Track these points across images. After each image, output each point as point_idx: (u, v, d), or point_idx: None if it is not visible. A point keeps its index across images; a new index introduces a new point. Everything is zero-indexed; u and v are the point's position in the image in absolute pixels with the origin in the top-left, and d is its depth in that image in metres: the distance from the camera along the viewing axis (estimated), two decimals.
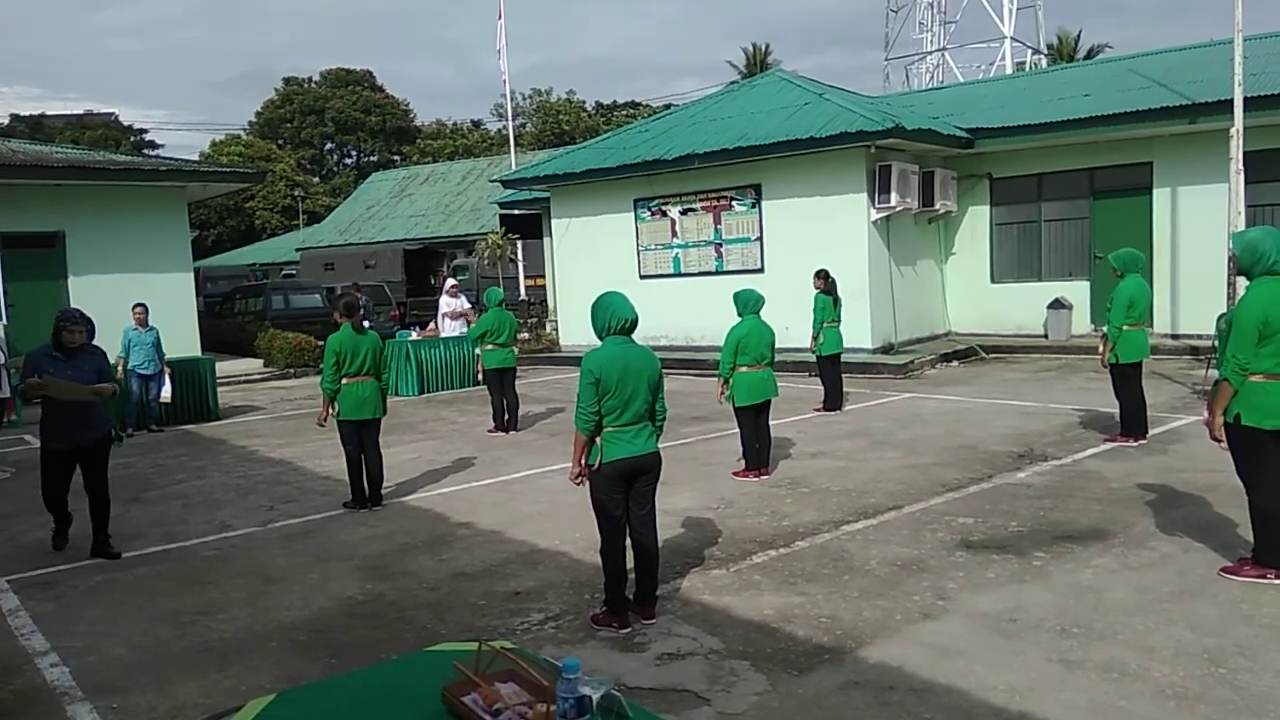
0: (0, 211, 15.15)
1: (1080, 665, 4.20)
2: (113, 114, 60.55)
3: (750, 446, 8.13)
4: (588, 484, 4.93)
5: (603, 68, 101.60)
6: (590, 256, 18.19)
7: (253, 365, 18.61)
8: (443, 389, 15.10)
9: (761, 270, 15.91)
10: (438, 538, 6.76)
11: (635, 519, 4.99)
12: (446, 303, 15.98)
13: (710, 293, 15.49)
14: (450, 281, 16.81)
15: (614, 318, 4.86)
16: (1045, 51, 43.59)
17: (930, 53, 44.56)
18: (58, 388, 6.45)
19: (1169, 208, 14.96)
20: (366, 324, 7.99)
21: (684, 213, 17.06)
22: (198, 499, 8.38)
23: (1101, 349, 8.71)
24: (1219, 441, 5.07)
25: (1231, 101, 12.25)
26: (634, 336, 4.95)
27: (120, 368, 11.82)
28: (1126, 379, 8.58)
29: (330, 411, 7.74)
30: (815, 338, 11.05)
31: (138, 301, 12.16)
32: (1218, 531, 5.89)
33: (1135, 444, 8.49)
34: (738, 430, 8.25)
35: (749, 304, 8.14)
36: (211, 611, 5.48)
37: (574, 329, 18.66)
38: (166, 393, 12.34)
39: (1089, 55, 43.04)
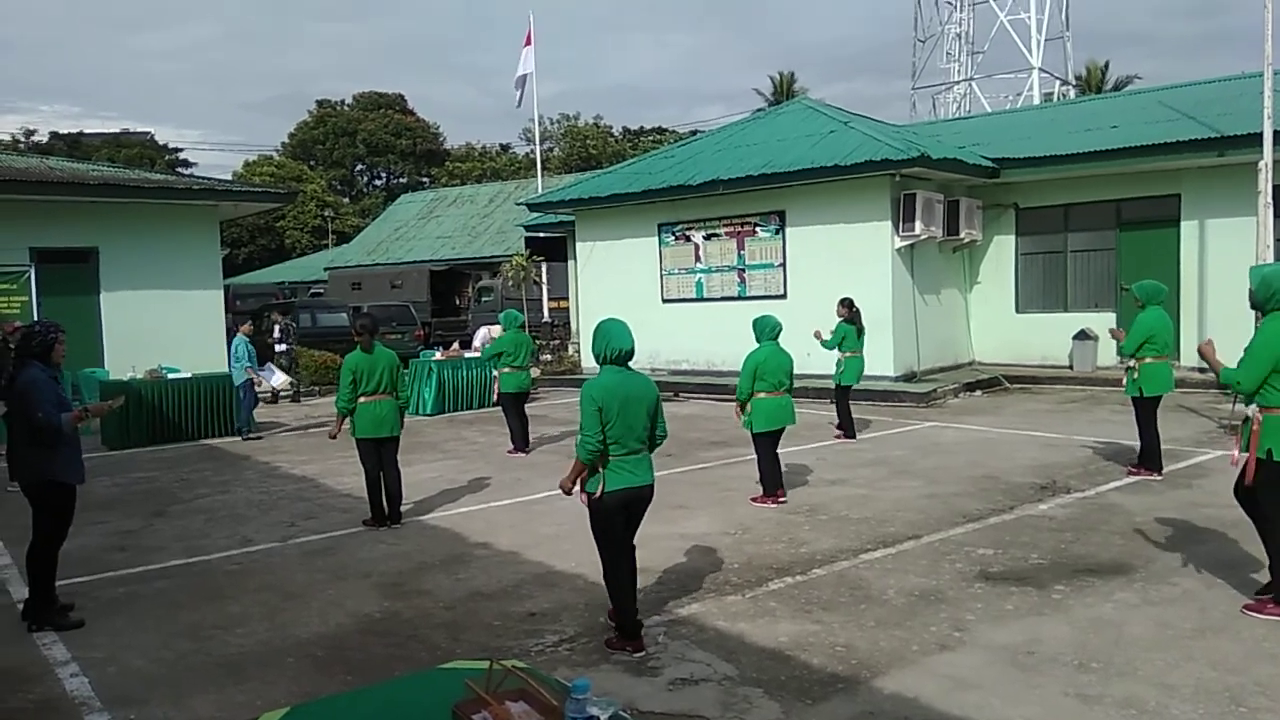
0: (36, 227, 15.42)
1: (1098, 700, 4.16)
2: (149, 133, 61.76)
3: (769, 473, 8.11)
4: (587, 512, 4.95)
5: (629, 94, 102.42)
6: (614, 280, 18.26)
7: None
8: (464, 409, 15.20)
9: (784, 296, 15.92)
10: (455, 557, 6.79)
11: None
12: (483, 335, 16.41)
13: (732, 318, 15.46)
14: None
15: (609, 347, 4.90)
16: (1073, 82, 43.42)
17: (957, 83, 44.47)
18: (100, 408, 5.96)
19: (1197, 240, 14.85)
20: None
21: (708, 238, 17.12)
22: (221, 513, 8.47)
23: (1125, 380, 8.66)
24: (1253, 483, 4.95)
25: (1261, 135, 12.18)
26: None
27: (250, 374, 12.89)
28: (1149, 412, 8.51)
29: (342, 427, 7.83)
30: (833, 347, 11.01)
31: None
32: (1241, 568, 5.81)
33: (1158, 477, 8.40)
34: (756, 456, 8.23)
35: (767, 330, 8.14)
36: (230, 626, 5.53)
37: None
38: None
39: (1117, 87, 42.85)
